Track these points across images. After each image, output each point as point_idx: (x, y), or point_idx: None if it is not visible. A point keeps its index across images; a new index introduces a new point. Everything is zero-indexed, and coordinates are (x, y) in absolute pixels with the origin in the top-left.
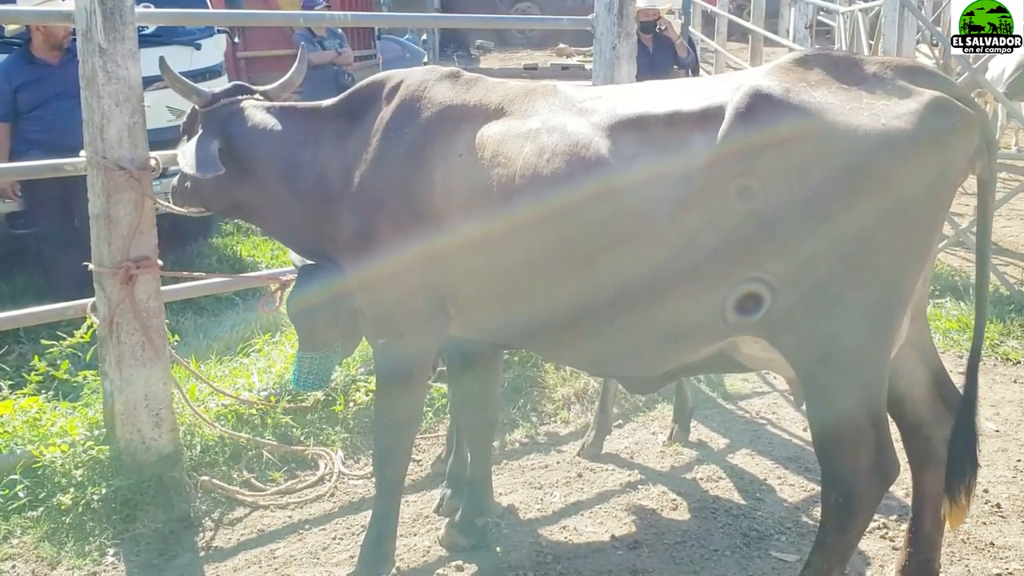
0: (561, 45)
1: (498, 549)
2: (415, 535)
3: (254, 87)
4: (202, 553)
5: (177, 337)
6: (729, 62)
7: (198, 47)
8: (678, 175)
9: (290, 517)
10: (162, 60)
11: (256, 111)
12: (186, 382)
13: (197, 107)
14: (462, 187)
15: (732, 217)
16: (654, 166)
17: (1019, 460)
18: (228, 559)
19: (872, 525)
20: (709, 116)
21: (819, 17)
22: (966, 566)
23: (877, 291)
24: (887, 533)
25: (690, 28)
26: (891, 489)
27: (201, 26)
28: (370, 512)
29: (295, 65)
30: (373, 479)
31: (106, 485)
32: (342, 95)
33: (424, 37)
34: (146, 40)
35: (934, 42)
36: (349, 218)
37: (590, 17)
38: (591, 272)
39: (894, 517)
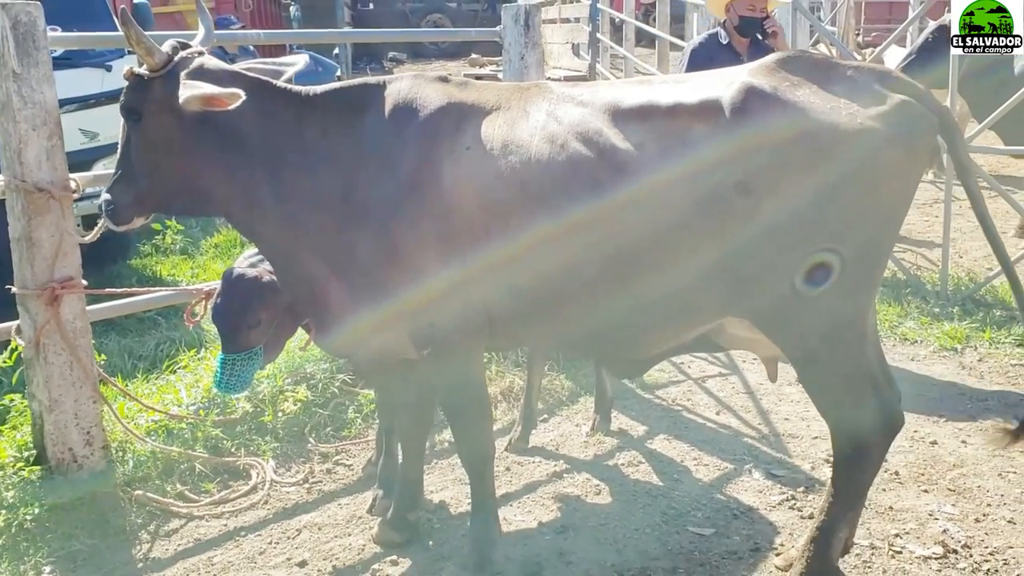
0: (474, 56)
1: (430, 543)
2: (349, 535)
3: (188, 42)
4: (140, 565)
5: (104, 357)
6: (638, 67)
7: (109, 69)
8: (681, 164)
9: (225, 525)
10: (124, 12)
11: (228, 74)
12: (115, 400)
13: (150, 71)
14: (472, 180)
15: (728, 206)
16: (659, 154)
17: (915, 431)
18: (166, 569)
19: (780, 497)
20: (707, 108)
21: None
22: (868, 529)
23: (861, 272)
24: (795, 504)
25: (599, 35)
26: (797, 463)
27: (111, 48)
28: (304, 516)
29: (203, 20)
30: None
31: (39, 505)
32: (326, 90)
33: (336, 51)
34: (55, 63)
35: (831, 42)
36: (358, 228)
37: (498, 29)
38: (601, 256)
39: (801, 489)
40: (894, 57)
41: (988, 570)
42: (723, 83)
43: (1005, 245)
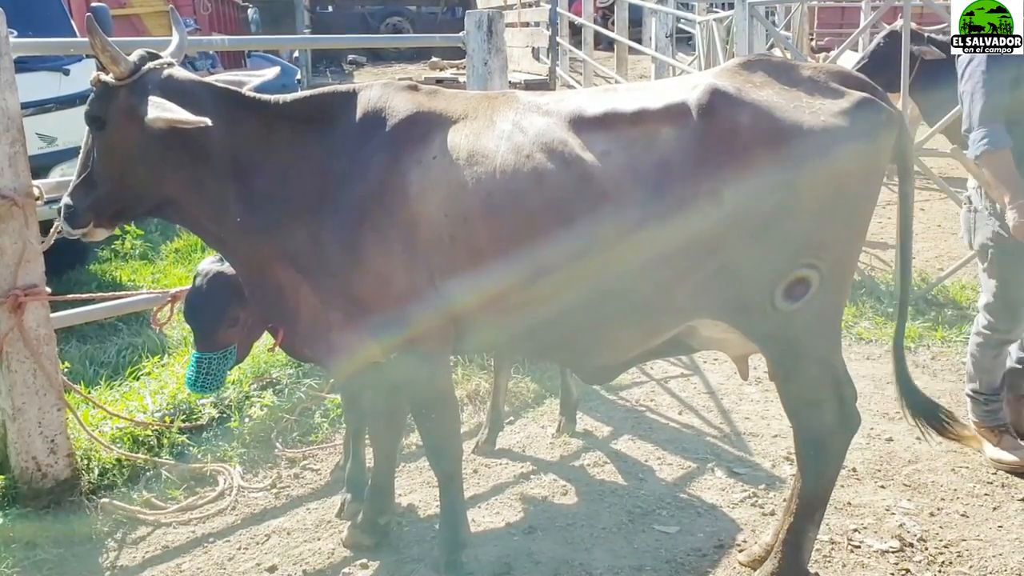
0: (434, 59)
1: (400, 546)
2: (319, 539)
3: (159, 52)
4: (107, 573)
5: (68, 364)
6: (597, 71)
7: (67, 73)
8: (649, 167)
9: (193, 532)
10: (90, 20)
11: (197, 85)
12: (79, 408)
13: (115, 80)
14: (438, 189)
15: (699, 208)
16: (627, 160)
17: (872, 428)
18: None
19: (742, 495)
20: (674, 112)
21: (679, 25)
22: (827, 524)
23: (834, 271)
24: (757, 501)
25: (558, 39)
26: (758, 461)
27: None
28: (272, 521)
29: (177, 30)
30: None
31: (2, 515)
32: (295, 98)
33: (296, 54)
34: None
35: (785, 47)
36: (328, 236)
37: (461, 35)
38: (569, 263)
39: (762, 486)
40: (847, 62)
41: (943, 562)
42: (687, 87)
43: (953, 246)
